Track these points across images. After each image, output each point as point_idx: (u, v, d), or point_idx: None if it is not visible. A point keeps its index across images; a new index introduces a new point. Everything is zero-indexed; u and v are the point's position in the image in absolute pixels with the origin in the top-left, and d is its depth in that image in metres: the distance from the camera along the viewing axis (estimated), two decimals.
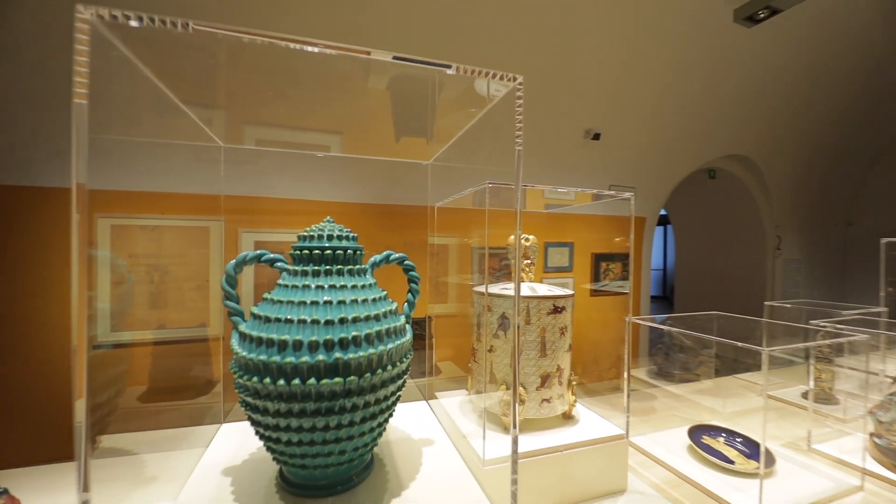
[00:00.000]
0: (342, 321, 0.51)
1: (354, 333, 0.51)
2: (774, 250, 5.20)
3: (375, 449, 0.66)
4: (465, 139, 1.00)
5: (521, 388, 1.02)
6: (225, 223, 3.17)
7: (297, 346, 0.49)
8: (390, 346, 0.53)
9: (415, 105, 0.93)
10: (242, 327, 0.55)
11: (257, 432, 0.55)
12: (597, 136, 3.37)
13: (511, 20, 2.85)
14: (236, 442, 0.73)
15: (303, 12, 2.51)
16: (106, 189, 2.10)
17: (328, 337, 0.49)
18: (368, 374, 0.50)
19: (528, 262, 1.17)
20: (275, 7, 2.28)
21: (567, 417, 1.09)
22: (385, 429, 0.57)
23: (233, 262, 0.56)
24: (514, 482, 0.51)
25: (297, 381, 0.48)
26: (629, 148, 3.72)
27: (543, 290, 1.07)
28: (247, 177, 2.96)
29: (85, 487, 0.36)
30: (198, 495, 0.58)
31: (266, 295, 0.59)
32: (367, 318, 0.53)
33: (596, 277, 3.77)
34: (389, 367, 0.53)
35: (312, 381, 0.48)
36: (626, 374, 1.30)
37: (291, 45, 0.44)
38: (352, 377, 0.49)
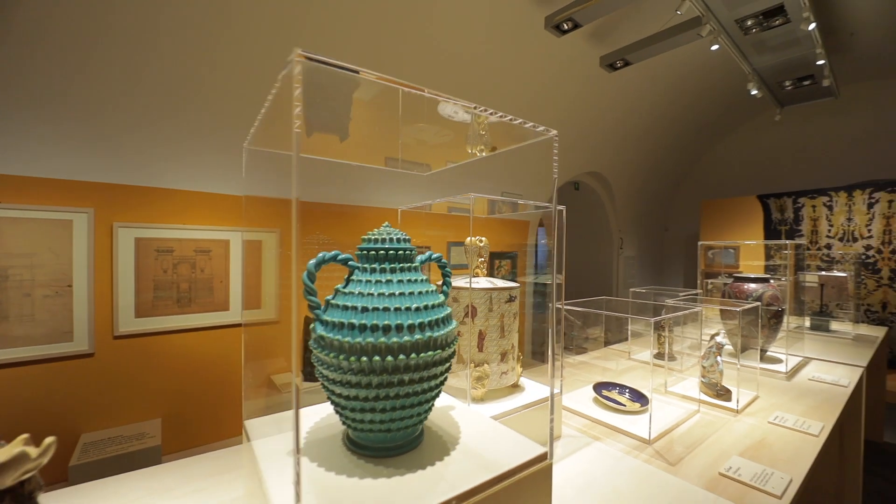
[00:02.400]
0: (417, 309, 0.63)
1: (424, 320, 0.63)
2: (618, 249, 6.49)
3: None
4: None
5: (485, 365, 1.22)
6: (95, 215, 2.71)
7: (387, 329, 0.60)
8: (445, 330, 0.67)
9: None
10: (326, 316, 0.63)
11: (335, 403, 0.63)
12: (494, 149, 3.82)
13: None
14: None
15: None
16: None
17: (411, 322, 0.61)
18: (431, 353, 0.64)
19: (482, 259, 1.37)
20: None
21: (515, 386, 1.34)
22: (434, 403, 0.70)
23: (313, 261, 0.62)
24: (552, 420, 0.70)
25: (389, 357, 0.59)
26: (516, 161, 4.29)
27: (499, 283, 1.29)
28: (128, 162, 2.55)
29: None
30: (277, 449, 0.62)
31: (339, 287, 0.66)
32: (429, 308, 0.66)
33: (490, 273, 4.22)
34: (445, 349, 0.67)
35: (401, 357, 0.59)
36: (550, 352, 1.62)
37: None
38: (424, 354, 0.62)
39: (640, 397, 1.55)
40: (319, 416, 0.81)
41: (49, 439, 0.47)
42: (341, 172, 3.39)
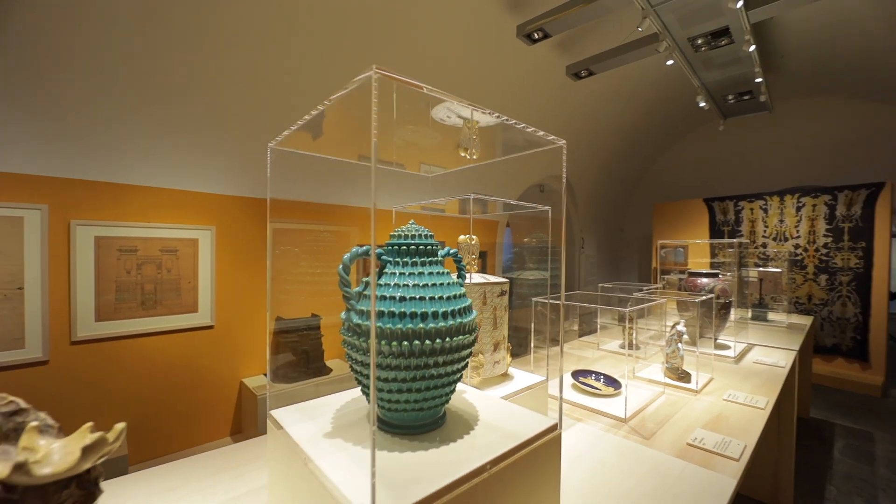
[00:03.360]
0: (448, 298, 0.70)
1: (454, 307, 0.70)
2: (580, 249, 6.81)
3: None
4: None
5: (480, 355, 1.30)
6: (49, 212, 2.57)
7: (424, 316, 0.66)
8: (470, 317, 0.74)
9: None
10: (361, 306, 0.68)
11: (363, 384, 0.69)
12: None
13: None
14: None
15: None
16: None
17: (444, 309, 0.68)
18: (460, 337, 0.71)
19: (473, 256, 1.46)
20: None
21: (505, 375, 1.43)
22: (456, 386, 0.77)
23: (348, 255, 0.67)
24: (561, 397, 0.79)
25: (427, 341, 0.65)
26: (485, 166, 4.43)
27: (492, 278, 1.38)
28: (87, 156, 2.41)
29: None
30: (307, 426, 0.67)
31: (368, 280, 0.71)
32: (455, 297, 0.73)
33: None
34: (471, 333, 0.74)
35: (437, 341, 0.66)
36: (531, 343, 1.73)
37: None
38: (456, 338, 0.69)
39: (613, 382, 1.69)
40: (335, 406, 0.85)
41: (120, 425, 0.50)
42: (340, 172, 3.38)
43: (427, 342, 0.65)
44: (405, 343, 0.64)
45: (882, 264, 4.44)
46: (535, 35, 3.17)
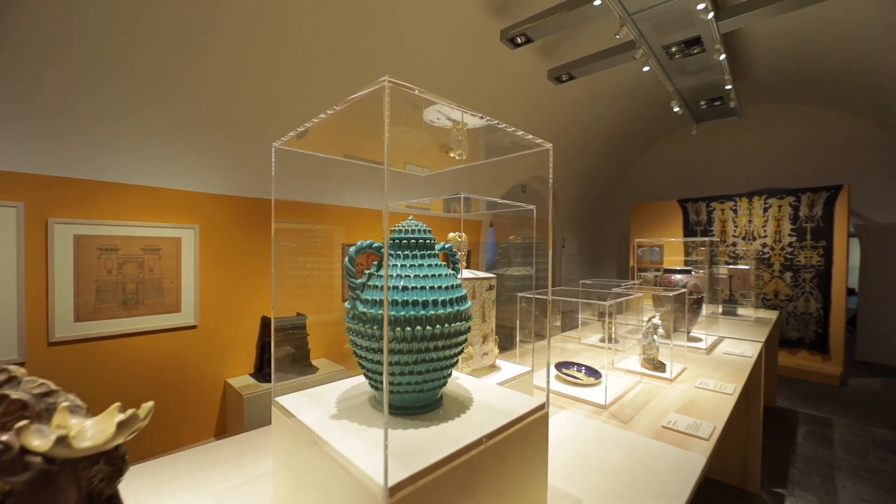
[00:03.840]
0: (446, 288, 0.76)
1: (452, 296, 0.76)
2: (561, 248, 6.97)
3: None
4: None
5: (469, 346, 1.37)
6: (25, 210, 2.52)
7: (425, 304, 0.72)
8: (466, 305, 0.80)
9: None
10: (366, 295, 0.73)
11: (373, 371, 0.74)
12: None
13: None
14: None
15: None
16: None
17: (443, 298, 0.74)
18: (458, 323, 0.76)
19: (461, 253, 1.52)
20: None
21: (493, 366, 1.50)
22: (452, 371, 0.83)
23: (353, 248, 0.72)
24: (549, 381, 0.86)
25: (428, 327, 0.71)
26: (471, 167, 4.50)
27: (480, 273, 1.44)
28: (65, 152, 2.36)
29: None
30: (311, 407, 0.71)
31: (372, 272, 0.76)
32: (452, 287, 0.79)
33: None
34: (467, 321, 0.80)
35: (437, 327, 0.72)
36: (517, 337, 1.81)
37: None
38: (454, 324, 0.75)
39: (594, 373, 1.78)
40: (337, 392, 0.90)
41: (148, 403, 0.53)
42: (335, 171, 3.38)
43: (428, 328, 0.71)
44: (408, 328, 0.70)
45: (840, 262, 4.73)
46: (518, 39, 3.26)
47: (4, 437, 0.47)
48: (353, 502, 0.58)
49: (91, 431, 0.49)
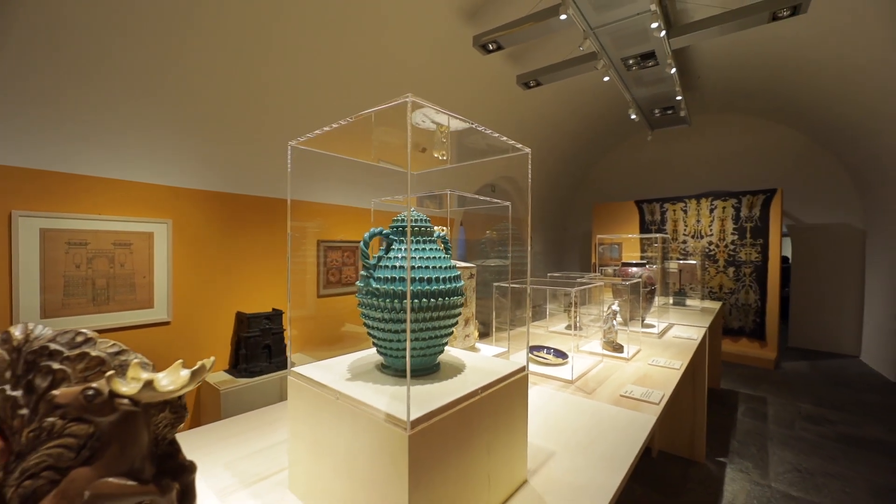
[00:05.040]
0: (445, 267, 0.90)
1: (449, 274, 0.90)
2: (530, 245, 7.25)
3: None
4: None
5: (454, 329, 1.51)
6: None
7: (429, 280, 0.85)
8: (461, 283, 0.94)
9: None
10: (378, 274, 0.86)
11: (382, 339, 0.87)
12: (423, 150, 4.17)
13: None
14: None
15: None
16: None
17: (443, 276, 0.88)
18: (455, 297, 0.91)
19: None
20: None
21: (473, 348, 1.65)
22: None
23: (367, 234, 0.85)
24: (528, 347, 1.02)
25: (432, 300, 0.84)
26: (445, 168, 4.66)
27: (461, 263, 1.59)
28: (29, 142, 2.30)
29: None
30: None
31: (381, 254, 0.89)
32: (449, 267, 0.93)
33: None
34: (462, 295, 0.94)
35: (440, 299, 0.85)
36: (493, 322, 1.97)
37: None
38: (451, 298, 0.89)
39: (561, 354, 1.97)
40: (346, 363, 1.01)
41: (210, 358, 0.63)
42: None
43: (431, 300, 0.84)
44: (415, 300, 0.83)
45: (775, 258, 5.27)
46: (490, 46, 3.44)
47: (95, 385, 0.56)
48: (379, 439, 0.71)
49: (166, 380, 0.59)
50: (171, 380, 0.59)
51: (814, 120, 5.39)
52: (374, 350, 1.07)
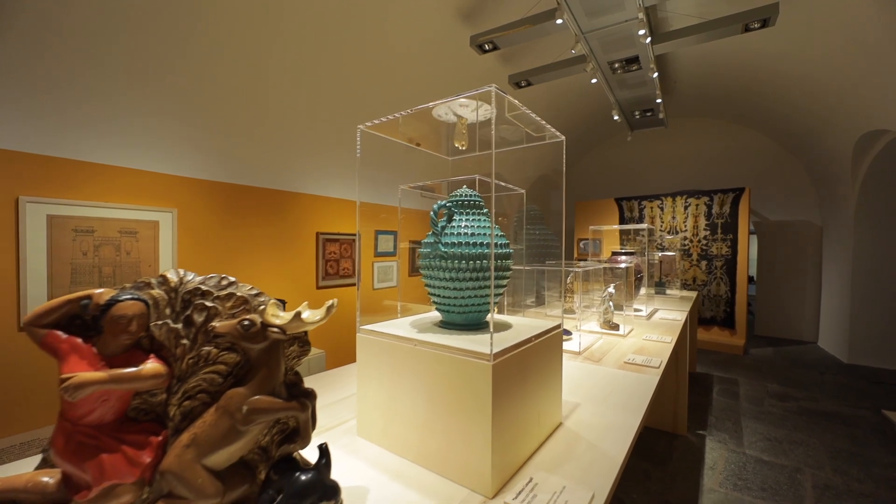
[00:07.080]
0: (499, 235, 1.04)
1: (503, 241, 1.04)
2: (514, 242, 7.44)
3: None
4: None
5: None
6: None
7: (487, 245, 0.99)
8: (511, 249, 1.09)
9: None
10: (445, 240, 0.99)
11: (444, 297, 1.00)
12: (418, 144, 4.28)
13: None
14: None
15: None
16: None
17: (500, 241, 1.02)
18: (508, 261, 1.05)
19: None
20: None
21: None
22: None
23: (436, 205, 0.98)
24: (563, 308, 1.17)
25: (484, 261, 0.99)
26: (425, 162, 4.78)
27: None
28: (38, 128, 2.31)
29: None
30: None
31: (443, 224, 1.02)
32: (501, 235, 1.07)
33: (413, 260, 4.62)
34: (510, 260, 1.09)
35: (497, 261, 1.00)
36: (491, 306, 2.12)
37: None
38: (506, 261, 1.03)
39: (566, 332, 2.15)
40: (407, 322, 1.14)
41: (332, 300, 0.74)
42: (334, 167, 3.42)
43: (487, 262, 0.99)
44: (475, 262, 0.97)
45: (743, 252, 5.67)
46: (486, 46, 3.60)
47: (249, 317, 0.67)
48: (463, 374, 0.85)
49: (307, 314, 0.70)
50: (312, 314, 0.70)
51: (779, 125, 5.83)
52: (415, 317, 1.20)
